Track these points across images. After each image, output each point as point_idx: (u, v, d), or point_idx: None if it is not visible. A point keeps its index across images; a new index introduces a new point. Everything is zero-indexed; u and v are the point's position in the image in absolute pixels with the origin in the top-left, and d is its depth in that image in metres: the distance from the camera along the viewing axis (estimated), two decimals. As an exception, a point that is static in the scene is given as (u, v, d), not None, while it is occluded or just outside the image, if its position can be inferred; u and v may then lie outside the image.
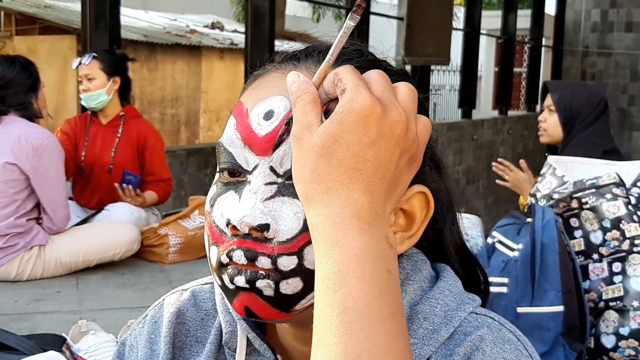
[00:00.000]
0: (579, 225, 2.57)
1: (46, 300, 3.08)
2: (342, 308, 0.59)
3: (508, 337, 0.76)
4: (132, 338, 0.89)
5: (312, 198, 0.64)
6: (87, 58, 3.81)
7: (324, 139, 0.63)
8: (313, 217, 0.64)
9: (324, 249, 0.62)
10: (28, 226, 3.28)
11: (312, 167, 0.63)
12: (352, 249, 0.61)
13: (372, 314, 0.60)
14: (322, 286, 0.61)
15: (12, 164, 3.21)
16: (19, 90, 3.31)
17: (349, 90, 0.64)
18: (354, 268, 0.61)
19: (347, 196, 0.62)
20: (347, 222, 0.62)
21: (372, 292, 0.60)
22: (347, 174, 0.63)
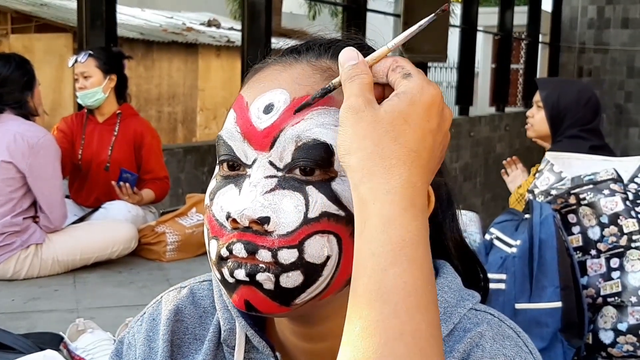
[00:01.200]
0: (576, 221, 2.57)
1: (43, 299, 3.07)
2: (390, 288, 0.60)
3: (508, 333, 0.76)
4: (130, 336, 0.89)
5: (370, 171, 0.63)
6: (83, 56, 3.80)
7: (394, 117, 0.64)
8: (368, 190, 0.63)
9: (378, 226, 0.62)
10: (25, 225, 3.27)
11: (376, 140, 0.63)
12: (408, 232, 0.62)
13: (418, 299, 0.60)
14: (370, 263, 0.61)
15: (8, 163, 3.20)
16: (14, 89, 3.30)
17: (418, 77, 0.66)
18: (407, 251, 0.61)
19: (409, 178, 0.63)
20: (405, 203, 0.62)
21: (421, 277, 0.61)
22: (410, 156, 0.64)
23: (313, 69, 0.74)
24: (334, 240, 0.70)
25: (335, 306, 0.75)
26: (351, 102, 0.65)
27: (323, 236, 0.69)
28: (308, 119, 0.70)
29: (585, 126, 3.02)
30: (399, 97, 0.65)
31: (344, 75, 0.68)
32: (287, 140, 0.70)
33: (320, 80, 0.73)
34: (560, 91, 3.07)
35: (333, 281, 0.71)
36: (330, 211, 0.69)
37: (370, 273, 0.61)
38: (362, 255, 0.62)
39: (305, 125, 0.70)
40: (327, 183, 0.70)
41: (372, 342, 0.58)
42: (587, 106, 3.02)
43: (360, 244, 0.63)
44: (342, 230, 0.70)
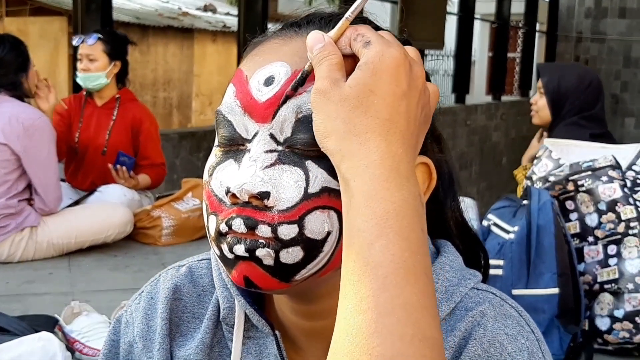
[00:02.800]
0: (574, 207, 2.57)
1: (38, 282, 3.07)
2: (377, 262, 0.59)
3: (510, 312, 0.76)
4: (128, 314, 0.88)
5: (347, 150, 0.62)
6: (92, 38, 3.76)
7: (359, 90, 0.62)
8: (349, 169, 0.62)
9: (361, 201, 0.61)
10: (19, 207, 3.26)
11: (346, 119, 0.62)
12: (392, 203, 0.60)
13: (407, 271, 0.59)
14: (356, 239, 0.60)
15: (3, 144, 3.18)
16: (8, 70, 3.28)
17: (377, 43, 0.64)
18: (391, 223, 0.60)
19: (387, 148, 0.62)
20: (387, 175, 0.61)
21: (408, 248, 0.60)
22: (384, 126, 0.62)
23: None
24: (334, 216, 0.68)
25: (335, 283, 0.74)
26: (318, 86, 0.65)
27: (323, 212, 0.68)
28: (310, 91, 0.69)
29: (586, 111, 3.01)
30: (361, 68, 0.64)
31: (314, 60, 0.67)
32: (288, 111, 0.69)
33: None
34: (560, 75, 3.06)
35: (333, 257, 0.70)
36: (330, 186, 0.68)
37: (357, 249, 0.60)
38: (349, 233, 0.62)
39: (307, 97, 0.68)
40: (328, 158, 0.68)
41: (365, 318, 0.58)
42: (588, 90, 3.01)
43: (347, 222, 0.63)
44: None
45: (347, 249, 0.61)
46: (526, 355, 0.72)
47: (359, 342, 0.57)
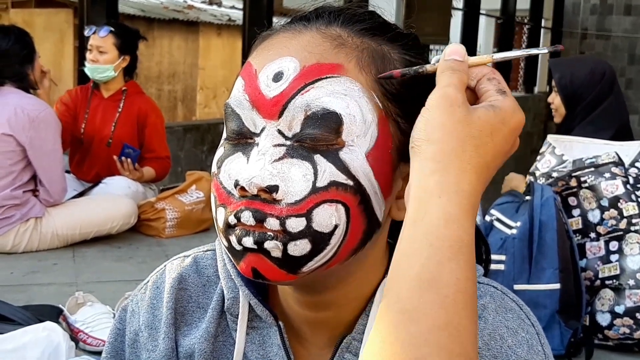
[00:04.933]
0: (577, 203, 2.57)
1: (42, 272, 3.08)
2: (444, 280, 0.61)
3: (510, 306, 0.77)
4: (134, 304, 0.89)
5: (446, 167, 0.65)
6: (104, 31, 3.76)
7: (484, 126, 0.66)
8: (439, 184, 0.64)
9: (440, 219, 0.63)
10: (24, 198, 3.27)
11: (461, 141, 0.65)
12: (467, 234, 0.64)
13: (467, 297, 0.62)
14: (426, 252, 0.62)
15: (8, 135, 3.19)
16: (14, 62, 3.28)
17: (511, 100, 0.69)
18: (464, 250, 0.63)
19: (477, 186, 0.65)
20: (469, 208, 0.65)
21: (471, 278, 0.63)
22: (482, 168, 0.66)
23: (323, 37, 0.73)
24: (342, 210, 0.69)
25: (340, 275, 0.75)
26: (449, 92, 0.67)
27: (331, 205, 0.69)
28: (318, 87, 0.69)
29: (604, 109, 2.93)
30: (494, 110, 0.67)
31: (445, 65, 0.69)
32: (296, 109, 0.69)
33: (330, 48, 0.71)
34: (572, 71, 2.99)
35: (340, 250, 0.70)
36: (339, 180, 0.69)
37: (424, 262, 0.61)
38: (417, 244, 0.63)
39: (315, 94, 0.69)
40: (336, 152, 0.69)
41: (417, 328, 0.59)
42: (602, 82, 2.95)
43: (416, 232, 0.63)
44: (351, 200, 0.69)
45: (412, 257, 0.63)
46: (526, 348, 0.73)
47: (409, 351, 0.59)
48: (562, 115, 3.02)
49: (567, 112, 2.98)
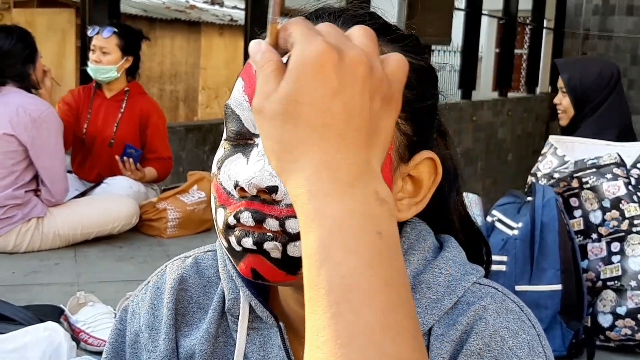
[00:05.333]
0: (578, 204, 2.57)
1: (44, 272, 3.08)
2: (327, 287, 0.52)
3: (511, 307, 0.76)
4: (134, 304, 0.89)
5: (287, 169, 0.56)
6: (107, 31, 3.76)
7: (285, 102, 0.55)
8: (293, 189, 0.56)
9: (304, 224, 0.55)
10: (26, 198, 3.28)
11: (278, 137, 0.56)
12: (333, 219, 0.54)
13: (361, 290, 0.52)
14: (306, 264, 0.54)
15: (10, 135, 3.19)
16: (16, 61, 3.28)
17: (298, 42, 0.56)
18: (336, 240, 0.53)
19: (321, 158, 0.55)
20: (324, 189, 0.54)
21: (359, 264, 0.53)
22: (316, 133, 0.55)
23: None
24: None
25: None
26: (253, 104, 0.58)
27: None
28: None
29: (607, 107, 2.91)
30: (285, 77, 0.56)
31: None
32: None
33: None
34: (582, 71, 2.96)
35: None
36: None
37: (308, 276, 0.54)
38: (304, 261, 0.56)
39: None
40: None
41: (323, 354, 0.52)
42: (611, 83, 2.94)
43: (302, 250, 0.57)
44: None
45: (304, 276, 0.55)
46: (527, 350, 0.73)
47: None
48: (570, 117, 3.00)
49: (575, 113, 2.96)
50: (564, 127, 3.02)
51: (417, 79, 0.76)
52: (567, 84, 2.95)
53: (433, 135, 0.81)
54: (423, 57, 0.79)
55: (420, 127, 0.77)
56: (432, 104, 0.79)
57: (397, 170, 0.74)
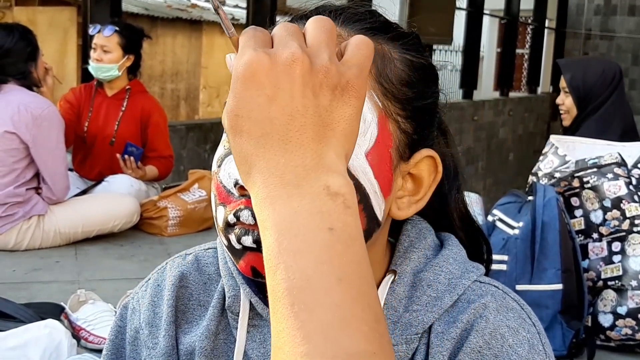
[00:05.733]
0: (579, 204, 2.57)
1: (44, 270, 3.08)
2: (282, 291, 0.53)
3: (512, 305, 0.77)
4: (135, 301, 0.89)
5: (245, 181, 0.58)
6: (109, 30, 3.77)
7: (229, 119, 0.57)
8: (252, 199, 0.57)
9: (261, 232, 0.56)
10: (27, 196, 3.28)
11: (234, 150, 0.57)
12: (280, 223, 0.54)
13: (313, 288, 0.52)
14: (266, 271, 0.55)
15: (11, 133, 3.19)
16: (18, 59, 3.29)
17: (236, 56, 0.58)
18: (285, 245, 0.54)
19: (266, 166, 0.56)
20: (272, 195, 0.55)
21: (309, 263, 0.53)
22: (259, 144, 0.56)
23: None
24: None
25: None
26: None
27: None
28: None
29: (607, 107, 2.90)
30: (229, 95, 0.57)
31: None
32: None
33: None
34: (584, 71, 2.96)
35: None
36: None
37: (268, 285, 0.55)
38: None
39: None
40: None
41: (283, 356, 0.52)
42: (613, 83, 2.94)
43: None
44: None
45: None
46: (527, 348, 0.73)
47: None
48: (573, 117, 3.00)
49: (578, 113, 2.96)
50: (567, 127, 3.02)
51: (417, 77, 0.76)
52: (569, 83, 2.94)
53: (434, 134, 0.81)
54: (423, 55, 0.79)
55: (421, 126, 0.77)
56: (433, 102, 0.79)
57: (397, 168, 0.74)
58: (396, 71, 0.75)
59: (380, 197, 0.72)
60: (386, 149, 0.72)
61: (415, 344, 0.75)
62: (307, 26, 0.60)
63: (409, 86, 0.75)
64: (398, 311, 0.76)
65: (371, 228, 0.72)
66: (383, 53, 0.74)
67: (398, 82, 0.74)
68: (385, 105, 0.73)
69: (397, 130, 0.74)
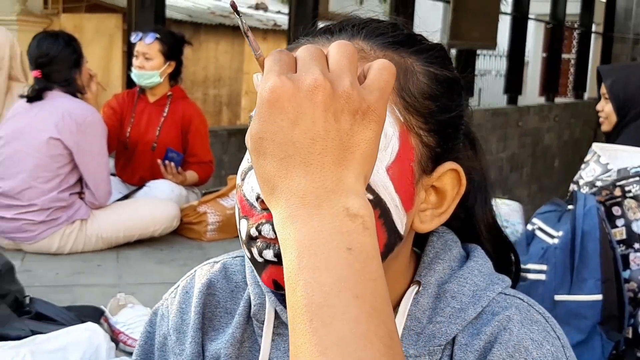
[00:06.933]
0: (621, 213, 2.52)
1: (87, 274, 3.14)
2: (302, 306, 0.56)
3: (536, 318, 0.76)
4: (164, 307, 0.91)
5: (268, 201, 0.60)
6: (150, 37, 3.83)
7: (253, 141, 0.60)
8: (274, 219, 0.60)
9: (282, 250, 0.59)
10: (70, 200, 3.34)
11: (258, 172, 0.60)
12: (301, 242, 0.57)
13: (332, 305, 0.55)
14: (286, 288, 0.58)
15: (56, 139, 3.26)
16: (63, 67, 3.36)
17: (261, 80, 0.61)
18: (305, 262, 0.56)
19: (288, 187, 0.58)
20: (293, 215, 0.58)
21: (329, 281, 0.56)
22: (281, 166, 0.59)
23: None
24: None
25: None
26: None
27: None
28: None
29: None
30: (253, 118, 0.61)
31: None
32: None
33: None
34: (626, 78, 2.91)
35: None
36: None
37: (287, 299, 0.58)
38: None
39: None
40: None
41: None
42: None
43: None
44: None
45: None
46: (551, 361, 0.72)
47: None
48: (612, 124, 2.95)
49: (618, 120, 2.91)
50: (607, 133, 2.97)
51: (440, 90, 0.76)
52: (609, 90, 2.90)
53: (458, 146, 0.80)
54: (449, 68, 0.79)
55: (444, 139, 0.76)
56: (457, 115, 0.79)
57: (419, 182, 0.74)
58: (419, 84, 0.75)
59: (401, 210, 0.72)
60: (408, 163, 0.72)
61: (438, 355, 0.75)
62: (330, 50, 0.62)
63: (432, 99, 0.75)
64: (422, 322, 0.76)
65: (392, 241, 0.72)
66: (406, 67, 0.75)
67: (421, 95, 0.74)
68: (407, 119, 0.73)
69: (420, 144, 0.74)
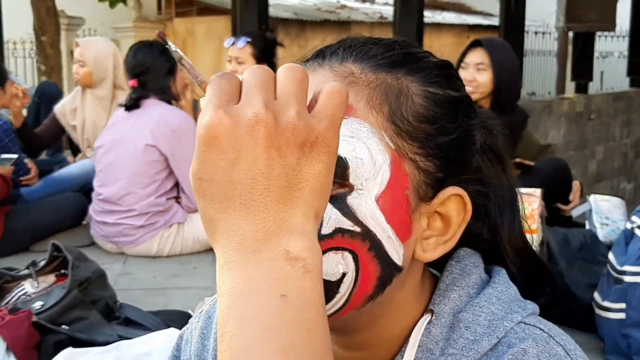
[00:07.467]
0: None
1: (183, 276, 3.23)
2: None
3: (555, 351, 0.70)
4: (189, 332, 0.91)
5: (211, 243, 0.58)
6: (242, 41, 3.90)
7: (193, 181, 0.56)
8: (217, 263, 0.58)
9: (218, 297, 0.56)
10: (167, 205, 3.45)
11: (201, 212, 0.57)
12: (233, 290, 0.54)
13: (255, 358, 0.52)
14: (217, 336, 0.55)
15: (152, 146, 3.37)
16: (158, 75, 3.47)
17: (199, 116, 0.57)
18: (234, 312, 0.53)
19: (227, 231, 0.55)
20: (230, 261, 0.55)
21: (255, 332, 0.53)
22: (222, 207, 0.55)
23: (334, 75, 0.70)
24: (349, 257, 0.66)
25: (366, 319, 0.73)
26: None
27: (337, 253, 0.66)
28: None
29: None
30: (193, 157, 0.57)
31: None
32: None
33: None
34: None
35: (352, 298, 0.68)
36: (344, 227, 0.66)
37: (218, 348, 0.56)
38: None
39: None
40: (343, 197, 0.66)
41: None
42: None
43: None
44: (358, 247, 0.66)
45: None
46: (569, 400, 0.67)
47: None
48: None
49: None
50: None
51: (440, 111, 0.71)
52: None
53: (465, 169, 0.74)
54: (452, 87, 0.74)
55: (446, 163, 0.71)
56: (459, 137, 0.73)
57: (416, 210, 0.70)
58: (414, 107, 0.70)
59: (396, 241, 0.68)
60: (401, 191, 0.68)
61: (451, 389, 0.71)
62: (278, 75, 0.58)
63: (430, 122, 0.70)
64: (434, 354, 0.72)
65: (388, 274, 0.69)
66: (399, 89, 0.70)
67: (415, 119, 0.70)
68: (400, 145, 0.68)
69: (415, 170, 0.69)
